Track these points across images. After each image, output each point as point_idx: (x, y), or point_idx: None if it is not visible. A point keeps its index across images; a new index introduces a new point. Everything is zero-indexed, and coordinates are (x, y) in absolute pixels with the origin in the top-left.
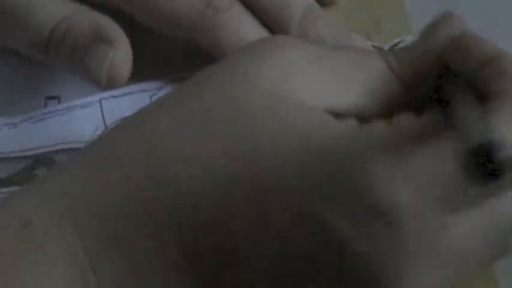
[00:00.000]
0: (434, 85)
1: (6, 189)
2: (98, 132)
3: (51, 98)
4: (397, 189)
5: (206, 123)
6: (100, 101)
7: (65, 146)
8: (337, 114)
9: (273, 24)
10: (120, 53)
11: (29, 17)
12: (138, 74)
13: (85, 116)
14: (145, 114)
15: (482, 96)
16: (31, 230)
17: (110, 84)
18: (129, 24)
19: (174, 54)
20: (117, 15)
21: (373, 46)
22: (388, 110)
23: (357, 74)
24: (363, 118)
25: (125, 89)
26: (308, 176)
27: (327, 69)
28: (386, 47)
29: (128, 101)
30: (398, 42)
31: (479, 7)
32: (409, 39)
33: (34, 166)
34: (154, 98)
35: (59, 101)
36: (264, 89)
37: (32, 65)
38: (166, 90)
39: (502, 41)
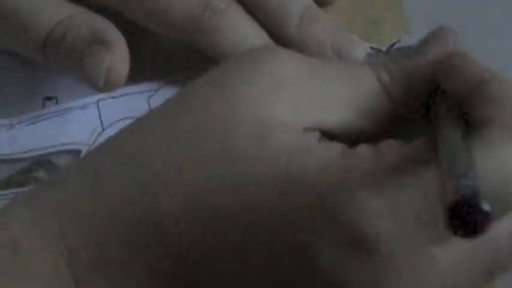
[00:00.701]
0: (424, 102)
1: (4, 192)
2: (96, 134)
3: (49, 98)
4: (378, 220)
5: (192, 147)
6: (98, 102)
7: (63, 148)
8: (327, 134)
9: (272, 26)
10: (118, 55)
11: (27, 18)
12: (137, 74)
13: (83, 118)
14: (134, 134)
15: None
16: (21, 251)
17: (107, 86)
18: (128, 25)
19: (173, 55)
20: (115, 16)
21: (371, 47)
22: (377, 126)
23: (347, 90)
24: (352, 135)
25: (123, 90)
26: (291, 205)
27: (317, 85)
28: (384, 48)
29: (125, 102)
30: (396, 42)
31: (477, 8)
32: (406, 40)
33: (32, 168)
34: (152, 99)
35: (56, 102)
36: (249, 112)
37: (30, 66)
38: (164, 91)
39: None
